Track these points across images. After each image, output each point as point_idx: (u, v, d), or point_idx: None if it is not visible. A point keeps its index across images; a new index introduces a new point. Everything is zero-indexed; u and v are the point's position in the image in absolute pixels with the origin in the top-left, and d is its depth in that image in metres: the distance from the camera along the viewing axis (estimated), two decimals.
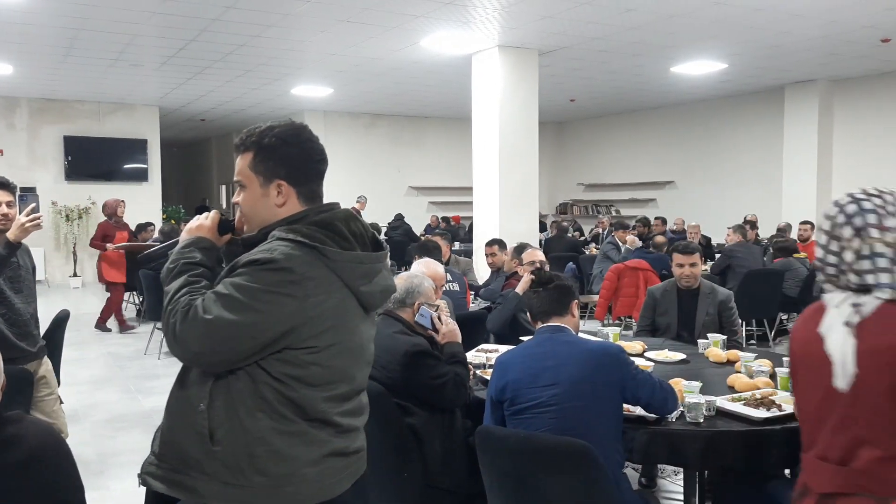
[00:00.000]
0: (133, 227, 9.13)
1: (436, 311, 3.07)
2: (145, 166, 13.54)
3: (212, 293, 1.60)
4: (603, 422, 2.38)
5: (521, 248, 5.45)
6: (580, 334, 2.78)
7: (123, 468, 4.31)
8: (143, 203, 13.01)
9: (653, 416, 2.54)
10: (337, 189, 14.43)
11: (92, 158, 13.00)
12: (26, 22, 7.39)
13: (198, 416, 1.61)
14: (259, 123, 1.77)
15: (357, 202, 13.18)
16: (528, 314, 4.19)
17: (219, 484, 1.59)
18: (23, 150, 12.63)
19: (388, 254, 1.83)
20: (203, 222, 1.81)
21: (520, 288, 4.52)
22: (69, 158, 12.87)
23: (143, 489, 1.76)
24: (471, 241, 10.46)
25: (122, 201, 8.75)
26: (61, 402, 3.60)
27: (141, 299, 9.00)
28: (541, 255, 4.98)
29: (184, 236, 1.79)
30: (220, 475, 1.60)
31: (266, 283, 1.56)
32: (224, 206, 19.12)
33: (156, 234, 9.18)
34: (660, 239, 8.23)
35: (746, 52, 9.25)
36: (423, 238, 7.64)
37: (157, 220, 12.56)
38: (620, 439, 2.46)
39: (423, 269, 3.85)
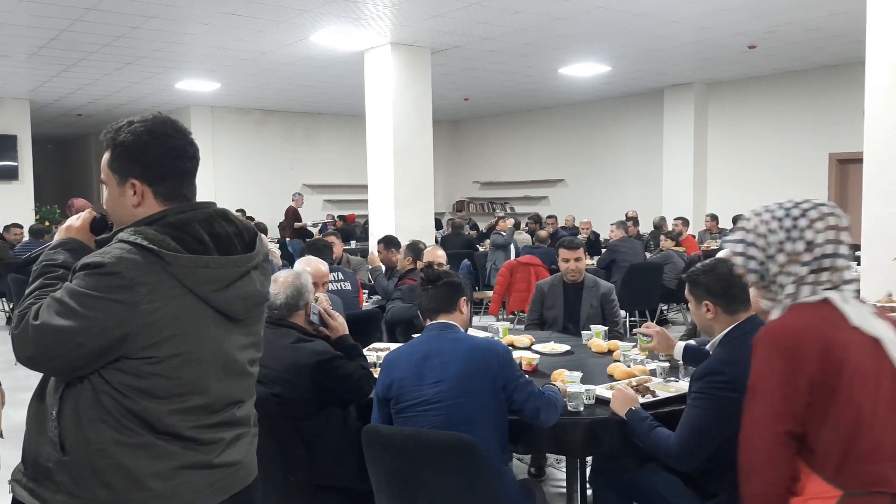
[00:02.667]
0: None
1: (319, 305, 3.04)
2: (15, 164, 12.58)
3: (50, 297, 1.53)
4: (487, 417, 2.42)
5: (413, 247, 5.47)
6: (471, 330, 2.83)
7: None
8: (13, 203, 12.11)
9: None
10: (227, 186, 14.03)
11: None
12: None
13: (50, 424, 1.56)
14: (120, 119, 1.68)
15: (293, 200, 13.06)
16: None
17: (64, 495, 1.54)
18: None
19: (261, 256, 1.73)
20: (72, 223, 1.77)
21: None
22: None
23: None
24: (367, 239, 10.41)
25: None
26: None
27: (11, 306, 8.39)
28: (441, 255, 4.93)
29: (55, 237, 1.74)
30: (67, 486, 1.55)
31: (94, 288, 1.49)
32: (105, 206, 18.11)
33: (26, 236, 8.58)
34: (542, 234, 8.57)
35: (628, 55, 9.68)
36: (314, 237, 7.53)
37: (30, 221, 11.73)
38: (505, 435, 2.51)
39: (307, 268, 3.81)
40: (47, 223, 11.97)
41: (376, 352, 3.60)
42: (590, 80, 11.39)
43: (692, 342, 3.14)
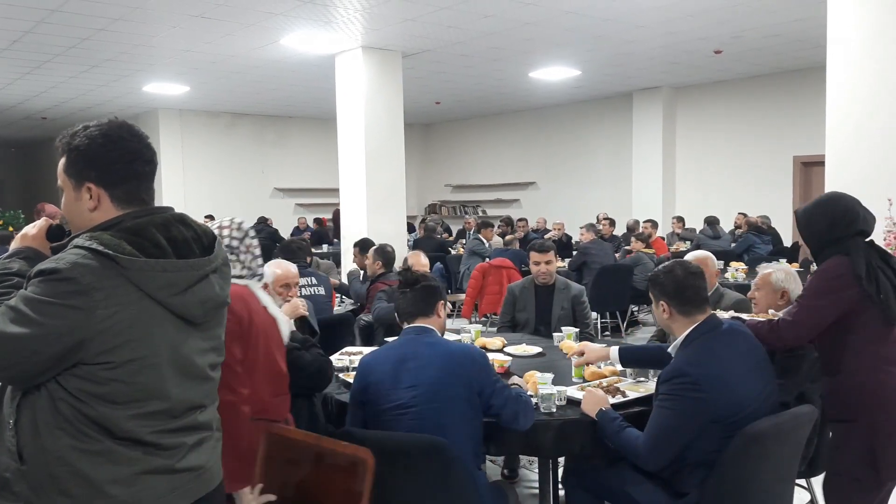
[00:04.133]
0: None
1: None
2: None
3: (4, 306, 1.51)
4: (461, 422, 2.44)
5: (381, 251, 5.45)
6: (444, 334, 2.84)
7: None
8: None
9: None
10: (196, 191, 13.87)
11: None
12: None
13: (8, 433, 1.54)
14: (77, 123, 1.67)
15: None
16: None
17: None
18: None
19: (220, 260, 1.72)
20: (28, 230, 1.75)
21: None
22: None
23: None
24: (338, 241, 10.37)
25: None
26: None
27: None
28: (425, 262, 4.82)
29: (12, 245, 1.73)
30: (25, 496, 1.53)
31: (49, 295, 1.47)
32: None
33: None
34: (509, 237, 8.69)
35: (597, 59, 9.79)
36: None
37: None
38: (480, 439, 2.52)
39: (275, 270, 3.78)
40: (11, 228, 11.71)
41: (349, 356, 3.59)
42: (560, 83, 11.49)
43: (626, 344, 3.15)
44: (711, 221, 10.02)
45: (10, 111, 13.16)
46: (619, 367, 3.09)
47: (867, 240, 2.63)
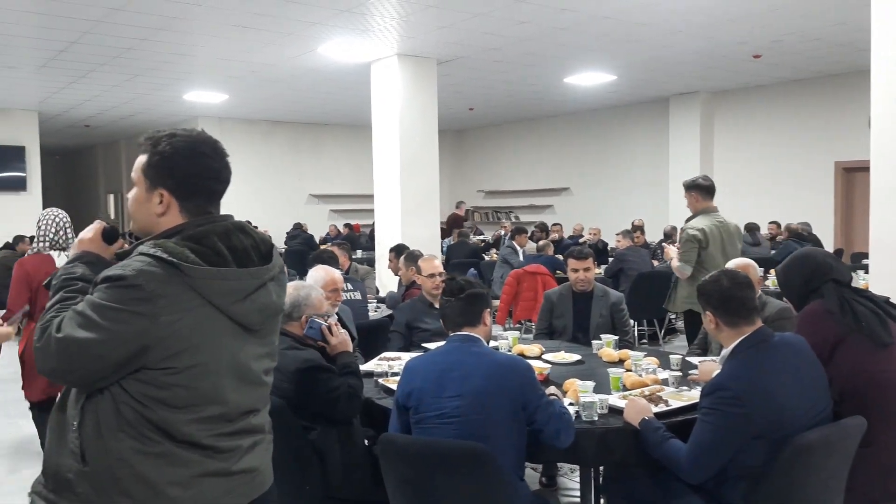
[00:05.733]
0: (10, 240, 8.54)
1: (325, 320, 3.03)
2: (23, 174, 12.68)
3: (72, 310, 1.55)
4: (504, 434, 2.41)
5: (411, 256, 5.46)
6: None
7: (5, 497, 4.05)
8: (21, 214, 12.16)
9: None
10: (234, 198, 14.06)
11: None
12: None
13: (71, 434, 1.58)
14: (164, 129, 1.71)
15: (457, 207, 13.47)
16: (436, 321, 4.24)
17: None
18: None
19: (277, 268, 1.75)
20: (84, 235, 1.80)
21: None
22: None
23: None
24: (373, 248, 10.43)
25: None
26: None
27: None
28: (438, 265, 4.71)
29: (71, 251, 1.78)
30: (87, 496, 1.56)
31: (115, 301, 1.51)
32: (112, 216, 18.18)
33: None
34: (542, 242, 8.66)
35: (632, 64, 9.72)
36: (320, 248, 7.56)
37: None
38: (523, 451, 2.49)
39: (321, 275, 3.82)
40: None
41: (388, 361, 3.61)
42: (595, 88, 11.43)
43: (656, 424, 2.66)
44: (751, 228, 9.86)
45: (54, 119, 13.52)
46: (661, 376, 3.06)
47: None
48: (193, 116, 13.44)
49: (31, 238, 9.45)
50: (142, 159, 1.69)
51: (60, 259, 4.14)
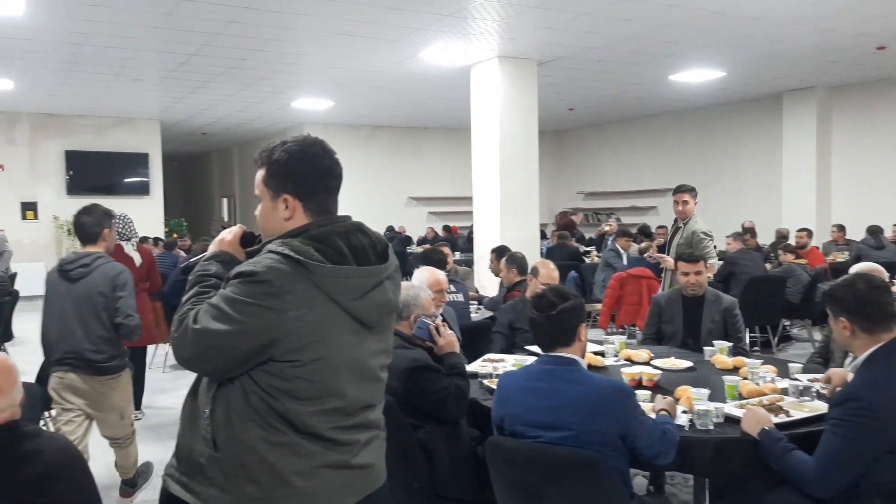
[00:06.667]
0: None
1: (433, 321, 3.06)
2: (147, 180, 13.58)
3: (207, 303, 1.65)
4: (604, 459, 2.29)
5: (513, 259, 5.42)
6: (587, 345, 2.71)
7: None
8: (145, 216, 13.02)
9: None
10: (339, 202, 14.48)
11: (93, 173, 13.05)
12: (28, 37, 7.44)
13: (203, 421, 1.67)
14: (273, 140, 1.79)
15: (572, 214, 13.80)
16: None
17: (217, 490, 1.64)
18: (24, 166, 12.68)
19: (393, 267, 1.80)
20: (224, 236, 1.90)
21: None
22: (70, 173, 12.91)
23: (153, 502, 1.79)
24: (470, 250, 10.48)
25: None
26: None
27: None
28: (555, 275, 4.49)
29: (209, 249, 1.88)
30: (219, 481, 1.64)
31: (247, 295, 1.59)
32: (225, 218, 19.15)
33: (156, 249, 9.20)
34: (644, 244, 8.42)
35: (744, 60, 9.31)
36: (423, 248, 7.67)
37: (160, 233, 12.58)
38: (626, 470, 2.40)
39: (426, 275, 3.86)
40: (175, 235, 12.82)
41: (491, 363, 3.62)
42: (702, 86, 11.04)
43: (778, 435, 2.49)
44: (874, 231, 9.23)
45: (175, 127, 14.40)
46: (779, 385, 2.91)
47: None
48: (300, 123, 13.97)
49: (154, 239, 10.12)
50: (261, 173, 1.78)
51: (127, 247, 5.31)
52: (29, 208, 12.71)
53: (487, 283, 8.27)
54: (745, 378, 3.19)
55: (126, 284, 3.56)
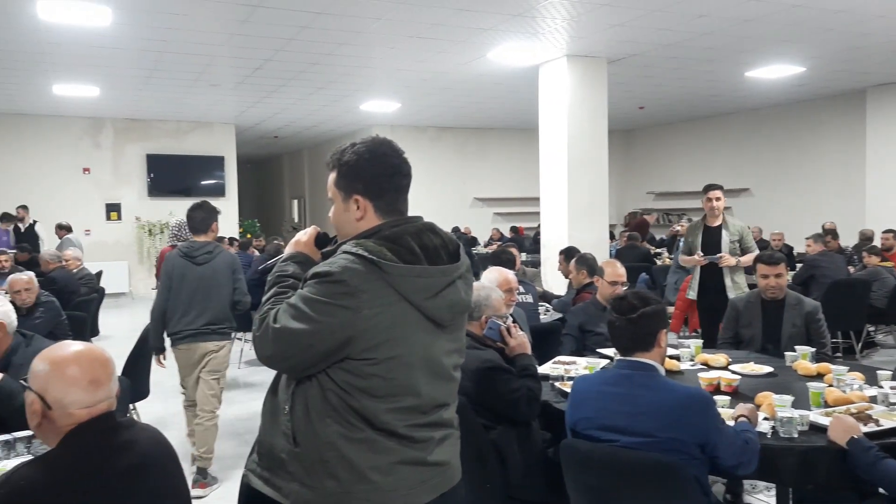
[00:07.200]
0: None
1: (504, 322, 3.05)
2: (222, 182, 14.04)
3: (286, 303, 1.69)
4: (681, 467, 2.24)
5: (583, 260, 5.35)
6: None
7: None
8: (221, 218, 13.43)
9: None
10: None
11: (172, 175, 13.59)
12: (113, 46, 7.80)
13: (283, 418, 1.71)
14: (343, 143, 1.83)
15: (645, 214, 13.72)
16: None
17: (298, 484, 1.68)
18: (108, 168, 13.30)
19: (465, 267, 1.81)
20: (300, 237, 1.95)
21: None
22: (151, 175, 13.47)
23: (230, 495, 1.84)
24: (537, 251, 10.41)
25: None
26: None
27: None
28: (622, 273, 4.48)
29: (286, 250, 1.93)
30: (299, 476, 1.68)
31: (323, 295, 1.63)
32: (296, 219, 19.61)
33: (232, 249, 9.49)
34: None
35: (825, 54, 8.94)
36: (492, 249, 7.66)
37: (235, 234, 12.98)
38: (706, 480, 2.33)
39: (495, 276, 3.85)
40: (249, 235, 13.20)
41: (563, 365, 3.59)
42: (780, 82, 10.65)
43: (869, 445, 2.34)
44: None
45: (249, 131, 14.84)
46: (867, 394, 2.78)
47: None
48: (368, 125, 14.17)
49: (230, 239, 10.42)
50: (332, 176, 1.82)
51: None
52: (113, 209, 13.32)
53: (555, 284, 8.19)
54: (830, 385, 3.06)
55: (240, 269, 4.37)
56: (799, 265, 8.20)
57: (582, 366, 3.51)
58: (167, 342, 4.34)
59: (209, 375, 4.26)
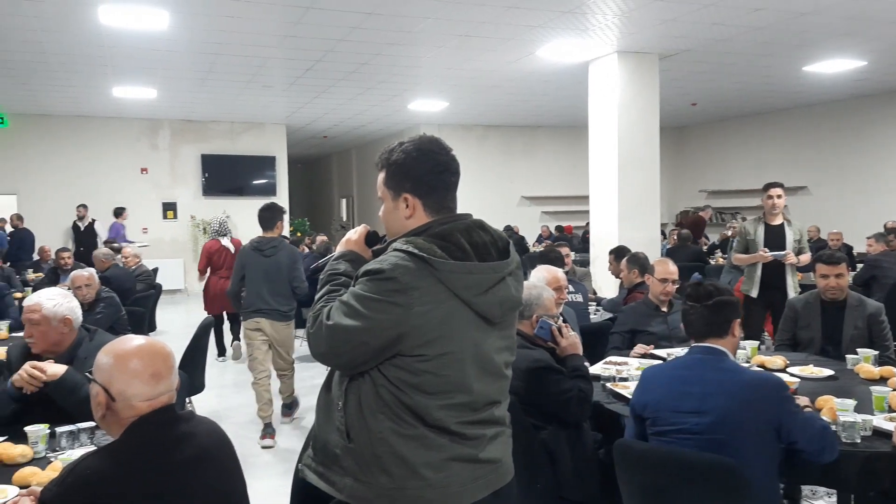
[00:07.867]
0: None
1: (556, 322, 3.03)
2: (274, 181, 14.30)
3: (338, 301, 1.71)
4: (753, 455, 2.22)
5: (635, 259, 5.27)
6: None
7: (262, 468, 4.55)
8: None
9: None
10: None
11: (226, 175, 13.90)
12: (170, 49, 8.01)
13: (337, 414, 1.74)
14: (391, 143, 1.84)
15: (701, 211, 13.69)
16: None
17: (351, 479, 1.70)
18: (165, 169, 13.67)
19: (515, 264, 1.81)
20: (350, 236, 1.97)
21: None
22: (206, 175, 13.80)
23: (283, 489, 1.87)
24: (585, 250, 10.30)
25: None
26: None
27: None
28: (674, 270, 4.38)
29: (337, 249, 1.96)
30: (353, 471, 1.70)
31: (375, 292, 1.64)
32: (344, 218, 19.83)
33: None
34: None
35: (887, 48, 8.62)
36: (544, 247, 7.60)
37: (286, 232, 13.18)
38: (775, 474, 2.29)
39: (545, 274, 3.82)
40: (299, 234, 13.40)
41: (615, 365, 3.54)
42: (839, 76, 10.31)
43: None
44: None
45: (299, 131, 15.07)
46: None
47: None
48: (416, 124, 14.23)
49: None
50: (381, 175, 1.84)
51: (224, 240, 7.54)
52: (169, 208, 13.69)
53: (604, 283, 8.10)
54: (894, 389, 2.95)
55: (300, 261, 5.22)
56: (859, 265, 7.92)
57: (634, 366, 3.47)
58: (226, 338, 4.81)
59: (280, 348, 5.18)
